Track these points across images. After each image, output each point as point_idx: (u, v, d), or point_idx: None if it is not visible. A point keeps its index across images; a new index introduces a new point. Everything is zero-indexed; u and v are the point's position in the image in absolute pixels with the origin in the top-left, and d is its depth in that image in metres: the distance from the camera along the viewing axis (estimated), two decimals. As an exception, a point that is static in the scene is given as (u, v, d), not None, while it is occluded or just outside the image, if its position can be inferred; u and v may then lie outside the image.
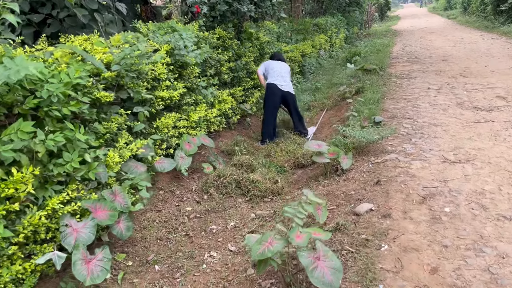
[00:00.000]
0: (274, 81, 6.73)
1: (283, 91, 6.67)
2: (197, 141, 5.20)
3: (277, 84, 6.69)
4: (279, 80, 6.72)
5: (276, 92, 6.70)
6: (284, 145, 6.10)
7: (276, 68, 6.85)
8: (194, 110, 5.65)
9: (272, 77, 6.78)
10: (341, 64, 13.24)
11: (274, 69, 6.84)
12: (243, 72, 7.34)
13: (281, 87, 6.67)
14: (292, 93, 6.77)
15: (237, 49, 7.23)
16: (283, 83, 6.70)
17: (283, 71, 6.82)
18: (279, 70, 6.81)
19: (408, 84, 8.13)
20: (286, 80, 6.75)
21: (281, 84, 6.68)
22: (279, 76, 6.75)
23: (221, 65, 6.56)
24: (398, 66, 10.86)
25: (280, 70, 6.80)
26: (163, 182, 4.94)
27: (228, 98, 6.50)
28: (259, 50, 8.47)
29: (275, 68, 6.86)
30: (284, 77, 6.76)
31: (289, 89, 6.73)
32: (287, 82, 6.75)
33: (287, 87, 6.72)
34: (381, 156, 4.59)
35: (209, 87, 6.22)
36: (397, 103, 6.69)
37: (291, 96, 6.76)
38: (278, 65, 6.89)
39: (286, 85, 6.72)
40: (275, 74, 6.78)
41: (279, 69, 6.82)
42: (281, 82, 6.70)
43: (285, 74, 6.79)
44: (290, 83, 6.79)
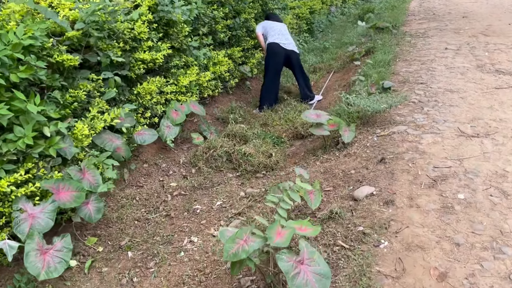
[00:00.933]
0: (276, 39, 6.11)
1: (287, 49, 6.06)
2: (185, 109, 4.71)
3: (279, 42, 6.08)
4: (280, 38, 6.11)
5: (278, 51, 6.10)
6: (284, 112, 5.57)
7: (276, 27, 6.23)
8: (184, 73, 5.13)
9: (273, 36, 6.17)
10: (352, 21, 12.38)
11: (274, 28, 6.22)
12: (242, 31, 6.70)
13: (284, 45, 6.06)
14: (296, 52, 6.18)
15: (235, 5, 6.56)
16: (285, 41, 6.10)
17: (284, 28, 6.22)
18: (280, 28, 6.19)
19: (424, 44, 7.42)
20: (288, 38, 6.14)
21: (283, 43, 6.08)
22: (280, 34, 6.14)
23: (216, 23, 5.94)
24: (413, 23, 10.04)
25: (280, 28, 6.18)
26: (148, 154, 4.50)
27: (224, 59, 5.93)
28: (262, 6, 7.77)
29: (275, 27, 6.24)
30: (285, 35, 6.15)
31: (293, 47, 6.13)
32: (290, 40, 6.14)
33: (291, 45, 6.11)
34: (388, 127, 4.05)
35: (202, 48, 5.65)
36: (409, 66, 6.05)
37: (295, 55, 6.17)
38: (277, 25, 6.28)
39: (289, 43, 6.11)
40: (276, 32, 6.16)
41: (279, 27, 6.21)
42: (283, 40, 6.09)
43: (286, 32, 6.19)
44: (293, 41, 6.18)
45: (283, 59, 6.15)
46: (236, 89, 6.78)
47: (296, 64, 6.25)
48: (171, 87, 4.84)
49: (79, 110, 3.53)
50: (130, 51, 4.13)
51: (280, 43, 6.06)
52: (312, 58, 8.18)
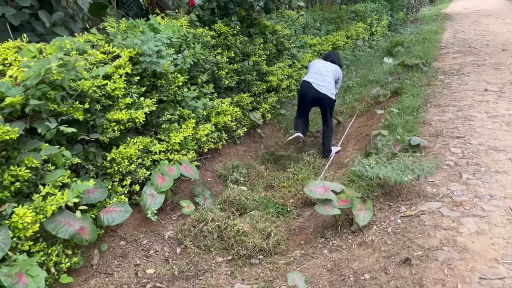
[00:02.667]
0: (309, 78, 5.42)
1: (318, 92, 5.28)
2: (175, 172, 3.98)
3: (312, 82, 5.34)
4: (315, 78, 5.38)
5: (306, 90, 5.37)
6: (293, 170, 4.73)
7: (317, 65, 5.53)
8: (178, 128, 4.43)
9: (309, 74, 5.51)
10: (380, 55, 11.54)
11: (314, 66, 5.55)
12: (252, 75, 6.01)
13: (318, 87, 5.30)
14: (329, 97, 5.36)
15: (243, 48, 5.89)
16: (321, 83, 5.33)
17: (326, 70, 5.44)
18: (320, 68, 5.46)
19: (459, 84, 6.46)
20: (325, 80, 5.35)
21: (318, 84, 5.32)
22: (318, 73, 5.41)
23: (219, 69, 5.27)
24: (447, 58, 9.08)
25: (320, 68, 5.45)
26: (129, 226, 3.77)
27: (229, 108, 5.22)
28: (276, 45, 7.09)
29: (316, 65, 5.55)
30: (323, 76, 5.39)
31: (327, 91, 5.32)
32: (326, 83, 5.34)
33: (325, 89, 5.31)
34: (416, 204, 3.15)
35: (202, 97, 4.97)
36: (443, 113, 5.12)
37: (327, 101, 5.36)
38: (322, 64, 5.57)
39: (324, 86, 5.32)
40: (314, 70, 5.47)
41: (321, 67, 5.48)
42: (319, 81, 5.34)
43: (326, 74, 5.40)
44: (330, 86, 5.37)
45: (311, 100, 5.41)
46: (245, 138, 6.03)
47: (326, 110, 5.44)
48: (161, 145, 4.15)
49: (26, 189, 2.85)
50: (103, 111, 3.47)
51: (313, 83, 5.33)
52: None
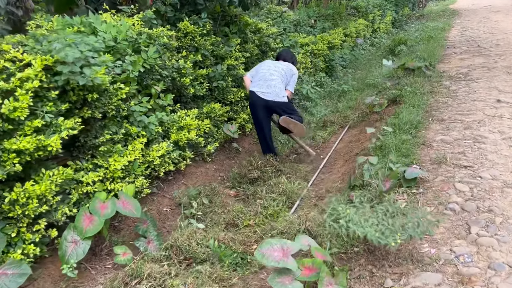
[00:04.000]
0: (254, 87, 4.68)
1: (265, 100, 4.57)
2: (108, 210, 3.14)
3: (256, 91, 4.63)
4: (260, 85, 4.64)
5: (255, 102, 4.66)
6: (264, 201, 3.86)
7: (263, 69, 4.75)
8: (123, 150, 3.59)
9: (254, 82, 4.75)
10: (382, 54, 10.59)
11: (260, 70, 4.77)
12: (226, 81, 5.13)
13: (263, 94, 4.58)
14: (280, 101, 4.60)
15: (215, 50, 5.01)
16: (266, 89, 4.58)
17: (270, 73, 4.66)
18: (266, 71, 4.69)
19: (467, 92, 5.53)
20: (270, 85, 4.59)
21: (262, 91, 4.59)
22: (261, 79, 4.65)
23: (181, 76, 4.40)
24: (453, 59, 8.12)
25: (266, 72, 4.68)
26: (47, 280, 2.95)
27: (193, 122, 4.35)
28: (260, 46, 6.19)
29: (262, 69, 4.77)
30: (268, 80, 4.62)
31: (275, 97, 4.55)
32: (271, 88, 4.58)
33: (271, 95, 4.56)
34: (408, 274, 2.28)
35: (159, 111, 4.11)
36: (447, 131, 4.21)
37: (279, 106, 4.62)
38: (266, 67, 4.77)
39: (270, 92, 4.57)
40: (258, 77, 4.72)
41: (266, 70, 4.70)
42: (263, 88, 4.61)
43: (271, 77, 4.62)
44: (277, 89, 4.58)
45: (263, 110, 4.68)
46: (218, 154, 5.16)
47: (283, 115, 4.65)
48: (97, 173, 3.32)
49: None
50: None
51: (257, 92, 4.60)
52: (322, 110, 6.43)
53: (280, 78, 4.64)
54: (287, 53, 5.12)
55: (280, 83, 4.61)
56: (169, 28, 4.45)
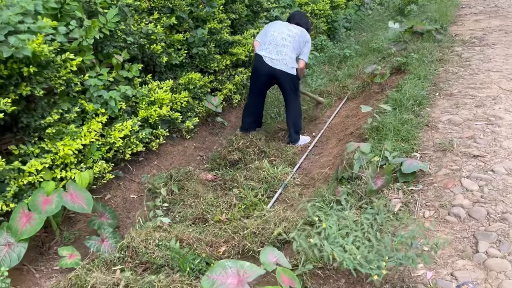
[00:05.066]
0: (262, 50, 4.03)
1: (272, 68, 3.94)
2: (53, 205, 2.67)
3: (263, 55, 3.98)
4: (269, 50, 3.99)
5: (259, 68, 4.04)
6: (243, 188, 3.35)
7: (273, 31, 4.06)
8: (77, 131, 3.08)
9: (262, 45, 4.08)
10: (390, 15, 9.75)
11: (270, 32, 4.08)
12: (208, 47, 4.51)
13: (271, 61, 3.95)
14: (288, 73, 3.96)
15: (192, 11, 4.36)
16: (275, 56, 3.94)
17: (282, 38, 3.98)
18: (275, 36, 4.01)
19: (481, 61, 4.85)
20: (281, 52, 3.94)
21: (270, 57, 3.95)
22: (272, 43, 4.00)
23: (151, 42, 3.80)
24: (468, 21, 7.32)
25: (275, 36, 4.00)
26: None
27: (165, 95, 3.80)
28: (250, 6, 5.50)
29: (272, 31, 4.08)
30: (280, 46, 3.96)
31: (283, 66, 3.92)
32: (282, 56, 3.93)
33: (280, 63, 3.92)
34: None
35: (123, 84, 3.55)
36: (456, 109, 3.61)
37: (286, 78, 3.99)
38: (278, 29, 4.08)
39: (279, 59, 3.93)
40: (268, 40, 4.04)
41: (278, 33, 4.03)
42: (271, 54, 3.96)
43: (283, 43, 3.96)
44: (287, 58, 3.93)
45: (266, 80, 4.07)
46: (200, 130, 4.64)
47: (287, 90, 4.09)
48: (44, 159, 2.84)
49: None
50: None
51: (265, 57, 3.96)
52: (318, 80, 5.79)
53: (293, 45, 3.96)
54: (302, 17, 4.36)
55: (293, 51, 3.95)
56: (137, -14, 3.81)
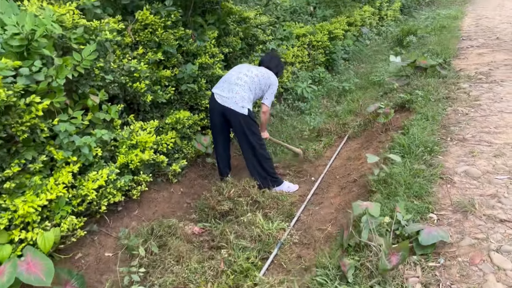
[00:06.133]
0: (215, 88, 3.73)
1: (222, 106, 3.59)
2: (4, 277, 2.23)
3: (215, 93, 3.67)
4: (222, 88, 3.67)
5: (212, 106, 3.74)
6: (230, 253, 2.90)
7: (233, 70, 3.79)
8: (41, 183, 2.67)
9: (218, 83, 3.79)
10: (389, 46, 9.53)
11: (230, 72, 3.81)
12: (198, 83, 4.16)
13: (221, 99, 3.60)
14: (237, 112, 3.55)
15: (182, 45, 4.02)
16: (226, 93, 3.59)
17: (238, 77, 3.65)
18: (235, 73, 3.72)
19: (491, 100, 4.50)
20: (233, 90, 3.58)
21: (221, 95, 3.61)
22: (226, 82, 3.69)
23: (134, 80, 3.43)
24: (471, 55, 7.05)
25: (232, 75, 3.71)
26: None
27: (148, 138, 3.40)
28: (245, 39, 5.18)
29: (232, 70, 3.81)
30: (233, 84, 3.62)
31: (232, 104, 3.54)
32: (233, 93, 3.56)
33: (230, 101, 3.55)
34: None
35: (100, 127, 3.16)
36: (472, 158, 3.22)
37: (236, 117, 3.58)
38: (238, 69, 3.78)
39: (229, 97, 3.56)
40: (224, 78, 3.75)
41: (233, 72, 3.74)
42: (223, 91, 3.62)
43: (237, 82, 3.62)
44: (238, 96, 3.55)
45: (220, 119, 3.71)
46: (189, 172, 4.23)
47: (237, 131, 3.69)
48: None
49: None
50: None
51: (216, 95, 3.64)
52: (317, 117, 5.42)
53: (249, 85, 3.62)
54: (272, 60, 4.03)
55: (247, 91, 3.60)
56: (120, 19, 3.47)
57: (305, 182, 4.04)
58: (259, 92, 3.75)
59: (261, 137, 3.80)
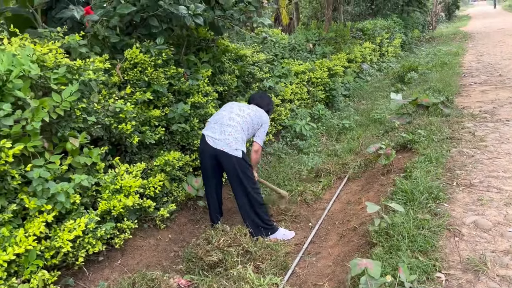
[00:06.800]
0: (206, 130, 3.50)
1: (214, 148, 3.36)
2: None
3: (206, 135, 3.43)
4: (213, 130, 3.44)
5: (203, 149, 3.50)
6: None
7: (224, 110, 3.60)
8: (10, 235, 2.44)
9: (208, 124, 3.57)
10: (390, 82, 9.43)
11: (220, 112, 3.61)
12: (190, 122, 3.99)
13: (213, 141, 3.37)
14: (230, 154, 3.32)
15: (173, 84, 3.88)
16: (218, 135, 3.37)
17: (230, 118, 3.46)
18: (226, 113, 3.52)
19: (498, 141, 4.29)
20: (225, 131, 3.37)
21: (213, 137, 3.38)
22: (217, 123, 3.47)
23: (119, 122, 3.25)
24: (473, 92, 6.90)
25: (223, 115, 3.50)
26: None
27: (133, 182, 3.18)
28: (242, 76, 5.05)
29: (223, 110, 3.61)
30: (225, 125, 3.41)
31: (225, 146, 3.32)
32: (226, 135, 3.35)
33: (222, 143, 3.33)
34: None
35: (80, 172, 2.95)
36: (481, 206, 2.97)
37: (228, 160, 3.34)
38: (229, 109, 3.59)
39: (222, 139, 3.34)
40: (214, 119, 3.53)
41: (225, 113, 3.53)
42: (215, 133, 3.40)
43: (229, 123, 3.42)
44: (231, 138, 3.34)
45: (212, 162, 3.47)
46: (179, 216, 3.99)
47: (231, 174, 3.43)
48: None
49: None
50: None
51: (208, 137, 3.40)
52: (315, 156, 5.21)
53: (242, 126, 3.43)
54: (263, 98, 3.89)
55: (240, 132, 3.40)
56: (107, 58, 3.33)
57: (302, 229, 3.77)
58: (252, 132, 3.57)
59: (255, 181, 3.58)
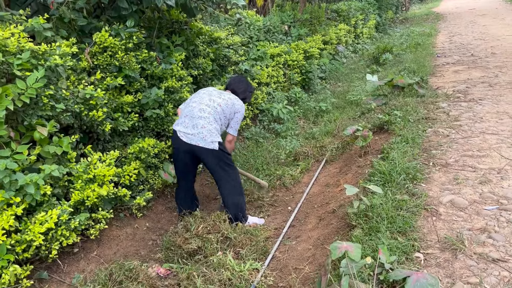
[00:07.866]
0: (178, 125, 3.33)
1: (188, 144, 3.21)
2: None
3: (178, 131, 3.27)
4: (185, 124, 3.28)
5: (176, 145, 3.34)
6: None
7: (193, 102, 3.40)
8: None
9: (180, 118, 3.39)
10: (365, 64, 9.45)
11: (190, 103, 3.42)
12: (165, 108, 3.88)
13: (186, 137, 3.22)
14: (207, 148, 3.20)
15: (145, 69, 3.75)
16: (191, 130, 3.22)
17: (201, 109, 3.29)
18: (195, 106, 3.34)
19: (472, 120, 4.36)
20: (197, 125, 3.22)
21: (185, 132, 3.23)
22: (187, 116, 3.30)
23: (90, 109, 3.12)
24: (447, 72, 6.99)
25: (195, 107, 3.33)
26: None
27: (106, 171, 3.07)
28: (216, 60, 4.94)
29: (192, 102, 3.41)
30: (196, 118, 3.25)
31: (200, 140, 3.19)
32: (198, 128, 3.20)
33: (197, 138, 3.19)
34: None
35: (49, 162, 2.83)
36: (457, 185, 3.01)
37: (206, 154, 3.23)
38: (201, 97, 3.41)
39: (195, 133, 3.20)
40: (185, 112, 3.36)
41: (197, 103, 3.36)
42: (187, 128, 3.24)
43: (202, 114, 3.26)
44: (205, 131, 3.20)
45: (186, 158, 3.33)
46: (156, 204, 3.91)
47: (213, 168, 3.34)
48: None
49: None
50: None
51: (180, 132, 3.25)
52: (293, 140, 5.19)
53: (214, 116, 3.29)
54: (239, 83, 3.69)
55: (213, 122, 3.27)
56: (75, 42, 3.18)
57: (281, 213, 3.76)
58: (225, 121, 3.44)
59: (235, 167, 3.52)
